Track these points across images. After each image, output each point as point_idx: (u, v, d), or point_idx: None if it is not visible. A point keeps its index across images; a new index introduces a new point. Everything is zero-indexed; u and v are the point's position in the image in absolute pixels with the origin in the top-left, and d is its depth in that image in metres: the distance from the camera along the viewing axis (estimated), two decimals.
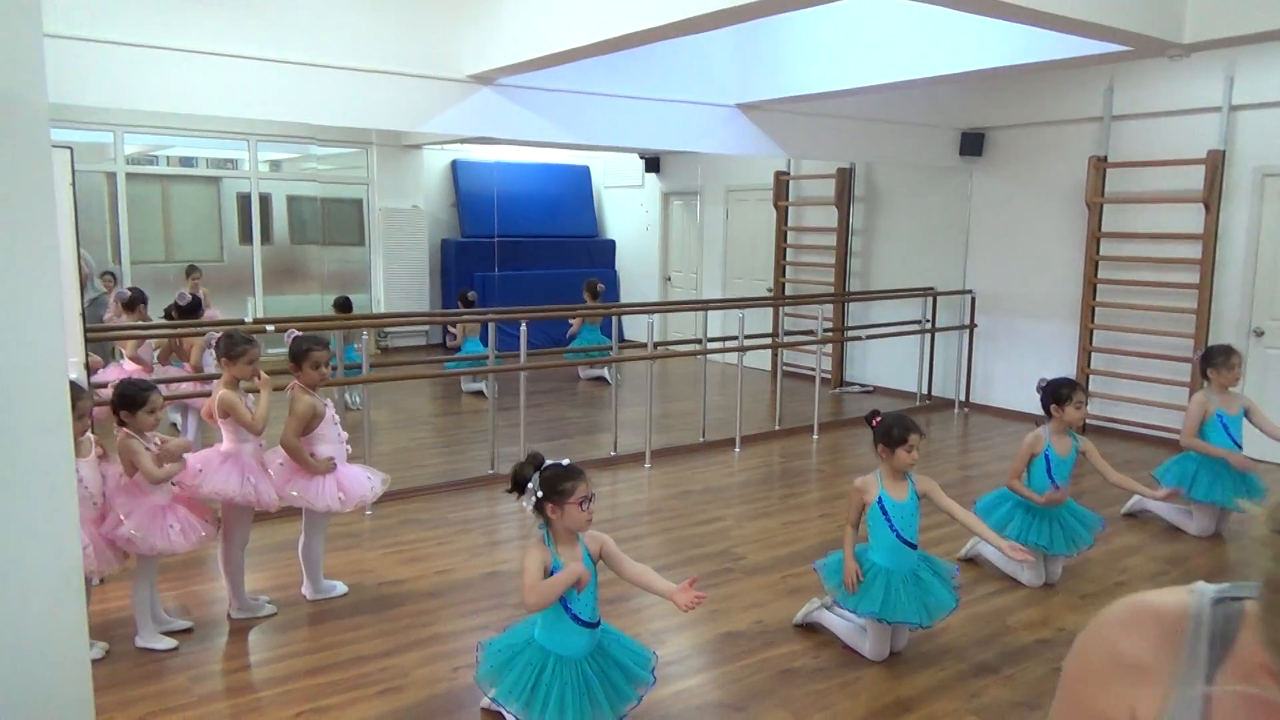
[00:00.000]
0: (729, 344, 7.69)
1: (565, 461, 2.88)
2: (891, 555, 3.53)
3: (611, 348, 7.25)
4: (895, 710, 3.23)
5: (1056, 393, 4.34)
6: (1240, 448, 5.05)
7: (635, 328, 10.19)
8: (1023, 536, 4.24)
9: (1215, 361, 5.01)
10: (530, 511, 2.88)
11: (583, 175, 12.40)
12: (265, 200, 10.63)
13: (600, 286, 9.39)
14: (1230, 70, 6.54)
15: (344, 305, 8.01)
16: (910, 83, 6.05)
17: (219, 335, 3.93)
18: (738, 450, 6.81)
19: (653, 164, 11.62)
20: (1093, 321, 7.46)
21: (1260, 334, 6.65)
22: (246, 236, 10.48)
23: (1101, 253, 7.39)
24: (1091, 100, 7.33)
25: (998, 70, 5.55)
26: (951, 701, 3.29)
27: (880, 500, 3.53)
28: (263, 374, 3.83)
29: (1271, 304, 6.60)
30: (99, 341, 6.03)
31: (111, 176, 9.54)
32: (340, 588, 4.15)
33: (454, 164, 11.61)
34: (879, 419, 3.62)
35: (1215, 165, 6.61)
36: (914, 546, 3.57)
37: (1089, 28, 4.22)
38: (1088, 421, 7.50)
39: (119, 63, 4.60)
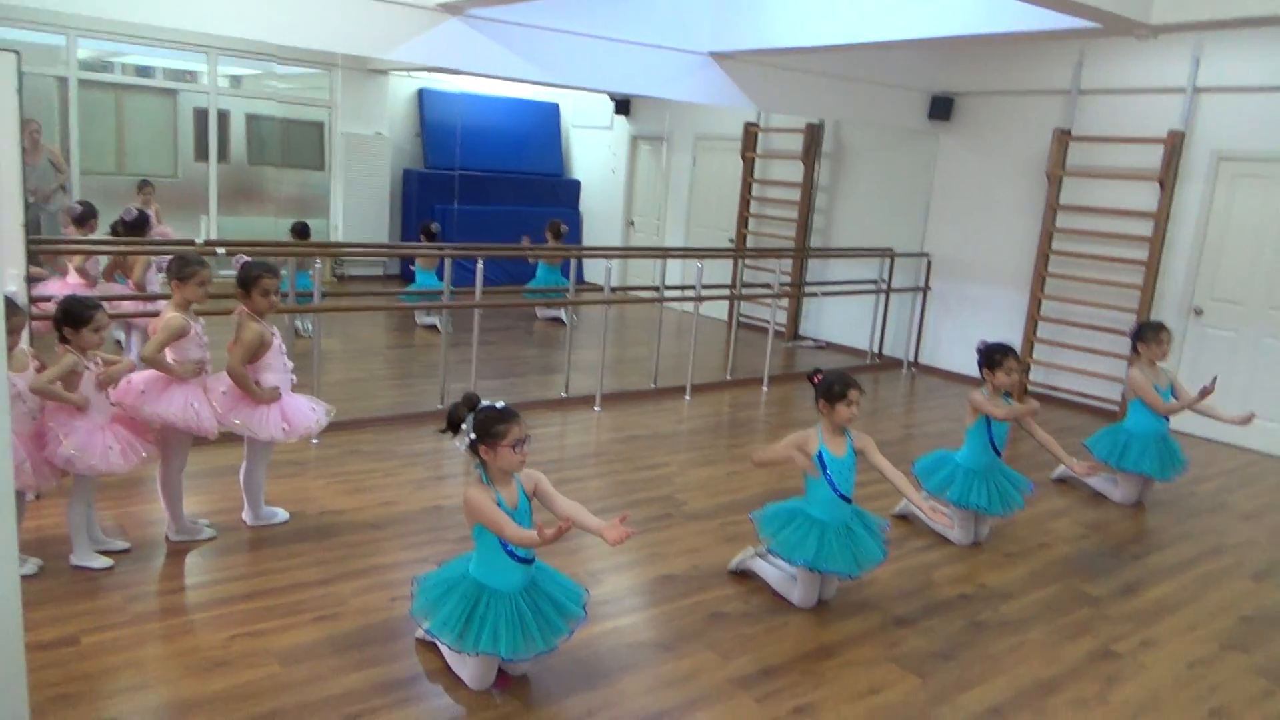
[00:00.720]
0: (686, 293, 7.73)
1: (500, 404, 2.91)
2: (826, 508, 3.63)
3: (569, 289, 7.23)
4: (818, 655, 3.36)
5: (990, 357, 4.45)
6: (1169, 420, 5.23)
7: (595, 270, 10.18)
8: (963, 498, 4.38)
9: (1146, 336, 5.16)
10: (464, 451, 2.91)
11: (551, 113, 12.23)
12: (223, 117, 10.35)
13: (564, 228, 9.34)
14: (1197, 52, 6.62)
15: (301, 231, 7.88)
16: (885, 44, 6.04)
17: (171, 257, 3.86)
18: (688, 398, 6.89)
19: (622, 106, 11.49)
20: (1043, 291, 7.60)
21: (1199, 313, 6.83)
22: (202, 153, 10.23)
23: (1057, 225, 7.50)
24: (1061, 73, 7.38)
25: (970, 37, 5.55)
26: (872, 649, 3.43)
27: (820, 454, 3.62)
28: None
29: (1213, 284, 6.78)
30: (44, 254, 5.89)
31: (63, 82, 9.22)
32: (281, 515, 4.16)
33: (420, 92, 11.38)
34: (820, 376, 3.69)
35: (1174, 146, 6.72)
36: (849, 501, 3.68)
37: (1059, 2, 4.23)
38: (1029, 388, 7.70)
39: None
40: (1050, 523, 4.90)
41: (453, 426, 2.91)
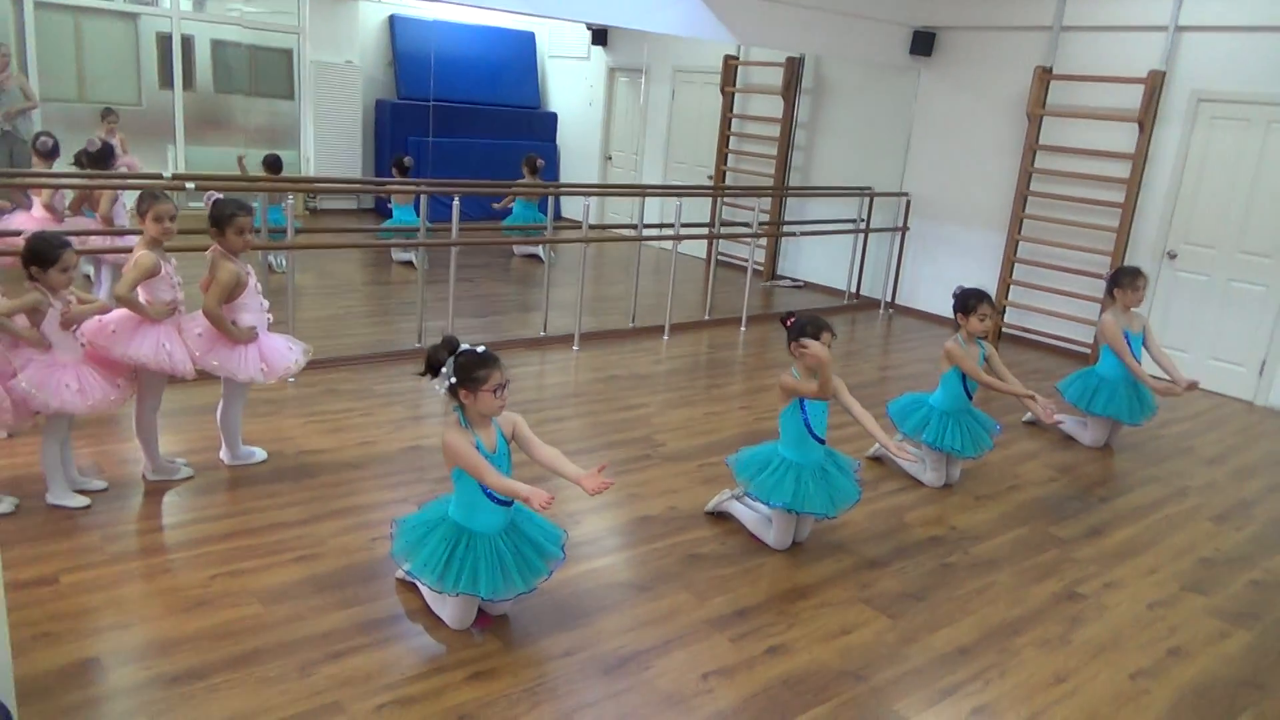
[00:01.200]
0: (665, 232, 7.67)
1: (480, 348, 2.90)
2: (800, 449, 3.67)
3: (547, 226, 7.16)
4: (791, 596, 3.43)
5: (965, 303, 4.48)
6: (1140, 364, 5.31)
7: (573, 206, 10.06)
8: (938, 440, 4.45)
9: (1122, 282, 5.21)
10: (442, 394, 2.91)
11: (527, 42, 11.95)
12: (187, 42, 10.01)
13: (540, 162, 9.20)
14: None
15: (274, 164, 7.70)
16: None
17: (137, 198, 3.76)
18: (666, 338, 6.90)
19: (600, 36, 11.23)
20: (1020, 233, 7.62)
21: (1173, 256, 6.89)
22: (167, 81, 9.92)
23: (1036, 165, 7.49)
24: (1044, 8, 7.28)
25: None
26: (844, 590, 3.51)
27: (800, 399, 3.64)
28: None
29: (1188, 228, 6.82)
30: (6, 188, 5.73)
31: (18, 4, 8.86)
32: (259, 454, 4.16)
33: (391, 19, 11.06)
34: (792, 319, 3.69)
35: (1154, 86, 6.69)
36: (823, 442, 3.72)
37: None
38: (1004, 329, 7.78)
39: None
40: (1020, 465, 5.00)
41: (432, 369, 2.90)
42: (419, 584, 3.02)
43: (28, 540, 3.30)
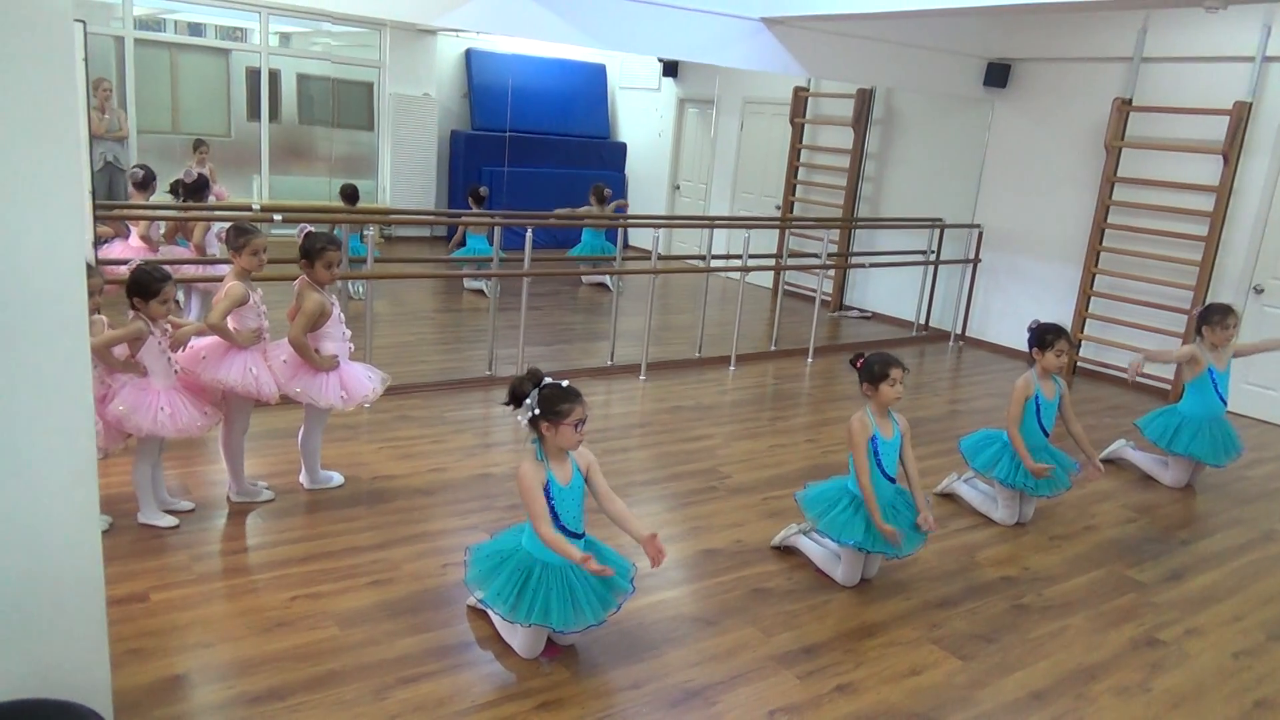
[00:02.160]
0: (732, 263, 7.71)
1: (565, 383, 2.97)
2: (873, 489, 3.65)
3: (615, 257, 7.25)
4: (859, 634, 3.40)
5: (1042, 338, 4.40)
6: (1226, 404, 5.15)
7: (641, 235, 10.17)
8: (1010, 477, 4.38)
9: (1212, 319, 5.06)
10: (523, 425, 2.97)
11: (598, 74, 12.15)
12: (275, 76, 10.45)
13: (608, 191, 9.33)
14: (1269, 20, 6.38)
15: (351, 194, 7.96)
16: (940, 11, 5.91)
17: (228, 226, 3.94)
18: (732, 369, 6.91)
19: (670, 69, 11.38)
20: (1096, 265, 7.46)
21: (1260, 291, 6.68)
22: (254, 113, 10.35)
23: (1114, 197, 7.34)
24: (1123, 40, 7.16)
25: (1031, 5, 5.41)
26: (914, 630, 3.46)
27: (874, 439, 3.63)
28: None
29: (1275, 262, 6.61)
30: (107, 219, 6.03)
31: (120, 40, 9.36)
32: (337, 479, 4.28)
33: (468, 53, 11.37)
34: (862, 360, 3.69)
35: (1240, 117, 6.52)
36: (893, 480, 3.70)
37: None
38: (1079, 364, 7.61)
39: None
40: (1097, 505, 4.87)
41: (515, 400, 2.97)
42: (490, 612, 3.08)
43: (120, 558, 3.45)
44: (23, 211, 2.00)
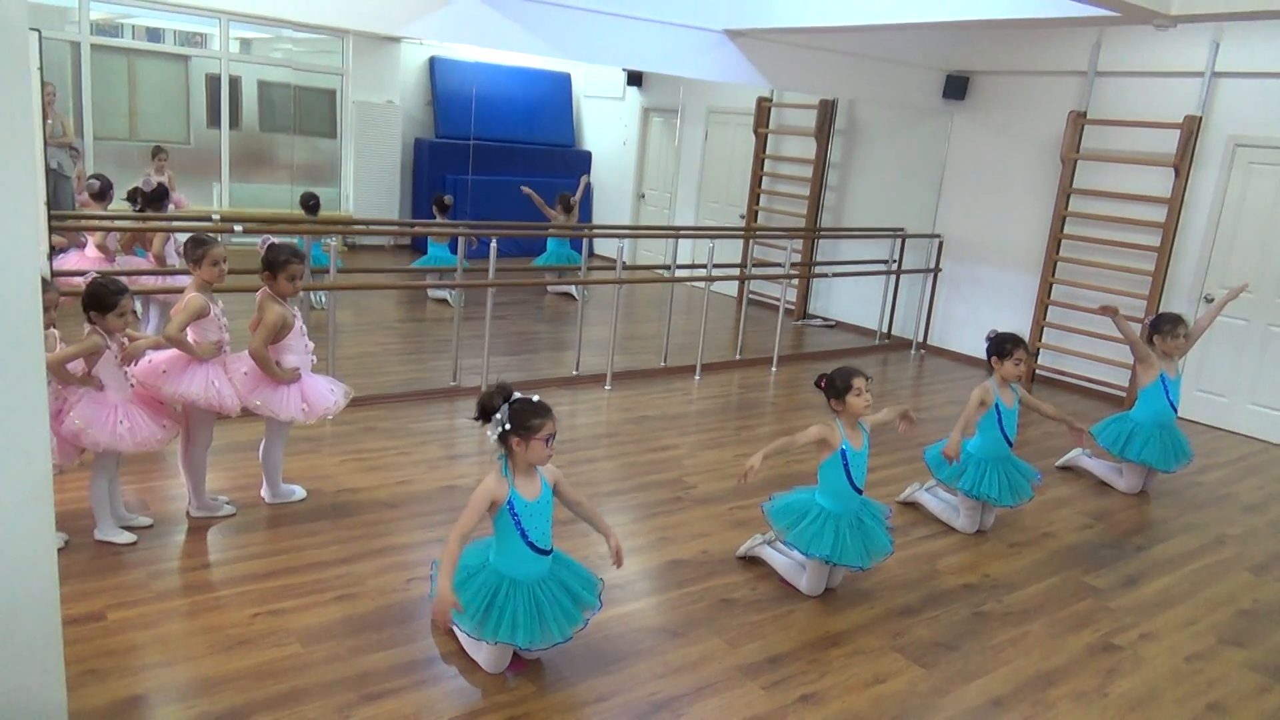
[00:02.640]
0: (696, 272, 7.75)
1: (535, 397, 2.97)
2: (839, 500, 3.69)
3: (580, 266, 7.26)
4: (824, 643, 3.43)
5: (1000, 347, 4.48)
6: (1177, 411, 5.27)
7: (606, 243, 10.18)
8: (974, 488, 4.44)
9: (1163, 329, 5.18)
10: (493, 440, 2.96)
11: (563, 82, 12.16)
12: (235, 83, 10.31)
13: (573, 200, 9.33)
14: (1217, 36, 6.56)
15: (312, 204, 7.89)
16: (900, 25, 6.00)
17: (187, 238, 3.89)
18: (697, 378, 6.94)
19: (635, 78, 11.42)
20: (1053, 275, 7.60)
21: (1210, 300, 6.83)
22: (214, 120, 10.21)
23: (1070, 208, 7.49)
24: (1078, 54, 7.32)
25: (987, 21, 5.52)
26: (877, 638, 3.50)
27: (844, 451, 3.66)
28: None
29: (1225, 272, 6.78)
30: (64, 231, 5.93)
31: (75, 46, 9.19)
32: (299, 492, 4.24)
33: (431, 61, 11.32)
34: (825, 380, 3.72)
35: (1191, 130, 6.68)
36: (860, 492, 3.74)
37: None
38: (1037, 372, 7.74)
39: None
40: (1055, 512, 4.96)
41: (484, 415, 2.96)
42: (455, 629, 3.07)
43: (76, 576, 3.39)
44: None
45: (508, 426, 2.90)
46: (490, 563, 3.01)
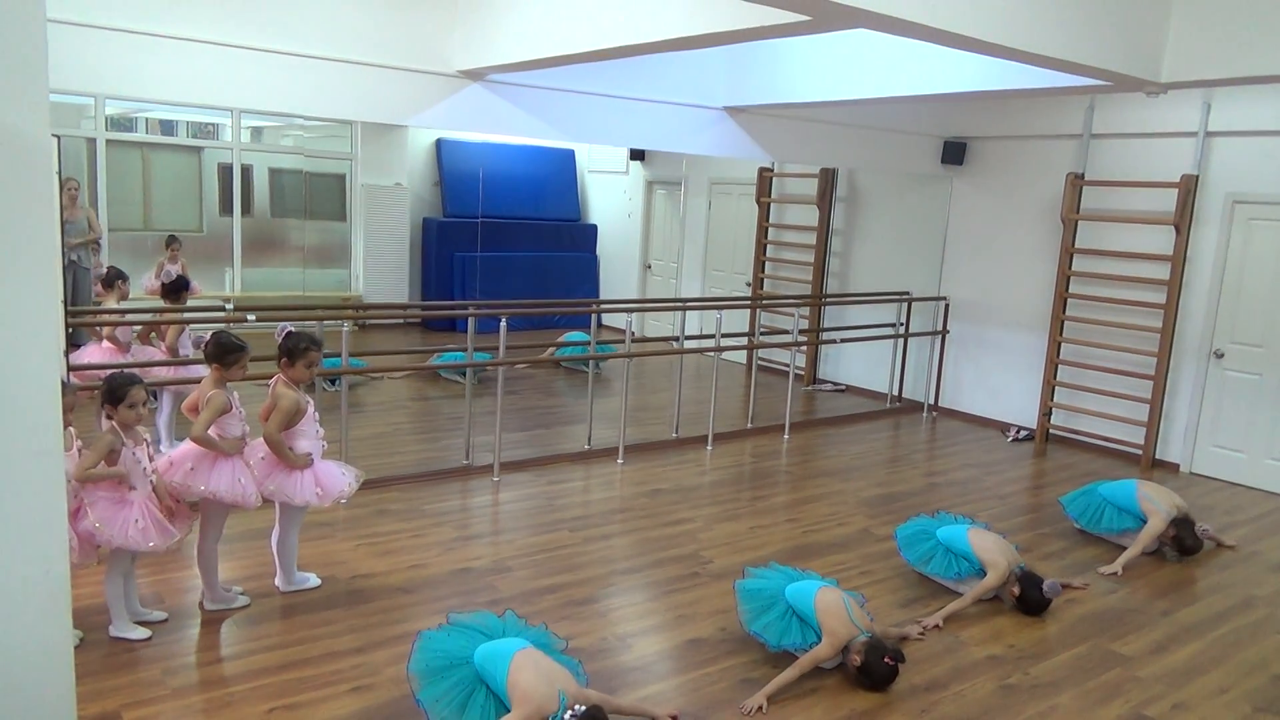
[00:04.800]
0: (705, 343, 7.79)
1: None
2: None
3: (590, 343, 7.31)
4: None
5: None
6: None
7: (615, 315, 10.26)
8: (944, 573, 4.52)
9: None
10: None
11: (567, 159, 12.40)
12: (247, 171, 10.56)
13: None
14: (1208, 97, 6.68)
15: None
16: (896, 99, 6.13)
17: (207, 337, 3.94)
18: (710, 448, 6.93)
19: (638, 153, 11.64)
20: (1061, 334, 7.62)
21: (1220, 355, 6.83)
22: (227, 207, 10.42)
23: (1074, 268, 7.53)
24: (1073, 118, 7.45)
25: (981, 93, 5.64)
26: (904, 715, 3.43)
27: None
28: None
29: (1232, 327, 6.78)
30: (80, 326, 6.01)
31: (91, 142, 9.45)
32: (313, 580, 4.22)
33: (438, 143, 11.57)
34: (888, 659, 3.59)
35: (1188, 189, 6.76)
36: None
37: (1069, 65, 4.32)
38: (1050, 431, 7.70)
39: (101, 47, 4.59)
40: (1077, 577, 4.88)
41: None
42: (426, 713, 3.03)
43: (92, 674, 3.36)
44: None
45: None
46: (474, 662, 3.03)
